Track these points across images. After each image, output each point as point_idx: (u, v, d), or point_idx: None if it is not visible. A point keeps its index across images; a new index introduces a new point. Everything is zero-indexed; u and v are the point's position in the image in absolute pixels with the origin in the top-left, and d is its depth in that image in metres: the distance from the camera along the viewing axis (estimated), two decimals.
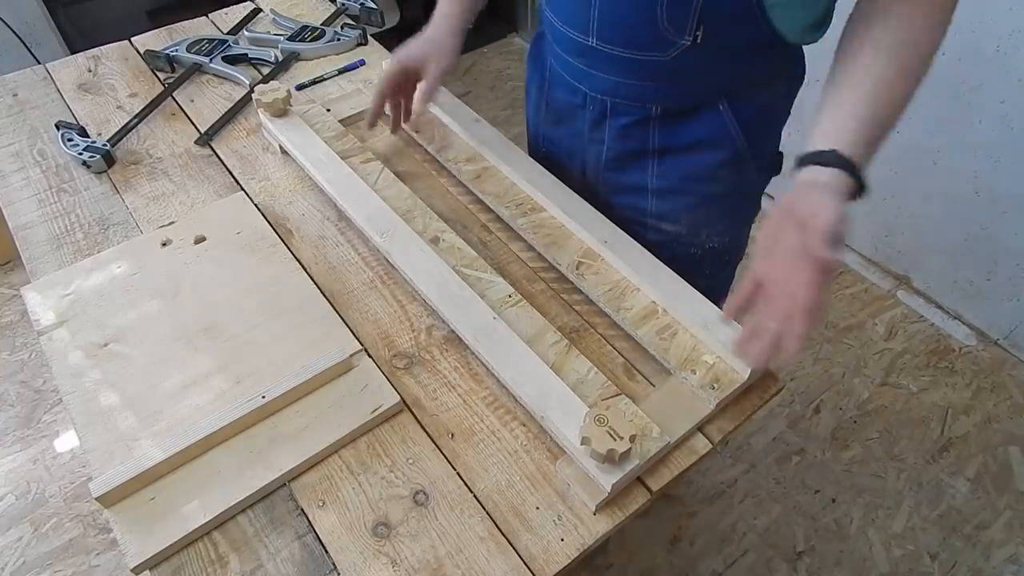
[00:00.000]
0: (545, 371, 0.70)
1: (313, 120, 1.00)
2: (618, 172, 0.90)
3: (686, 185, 0.86)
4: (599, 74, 0.80)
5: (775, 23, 0.69)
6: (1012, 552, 1.43)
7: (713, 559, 1.42)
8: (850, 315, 1.86)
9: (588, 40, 0.77)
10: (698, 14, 0.68)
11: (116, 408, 0.69)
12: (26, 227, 0.90)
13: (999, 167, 1.56)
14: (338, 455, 0.68)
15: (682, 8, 0.68)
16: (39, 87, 1.12)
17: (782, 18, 0.69)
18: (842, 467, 1.56)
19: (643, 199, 0.90)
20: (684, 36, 0.70)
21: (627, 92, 0.80)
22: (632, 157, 0.86)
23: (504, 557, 0.61)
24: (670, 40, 0.71)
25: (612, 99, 0.82)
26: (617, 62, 0.77)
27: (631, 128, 0.83)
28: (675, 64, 0.74)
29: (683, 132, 0.82)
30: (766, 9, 0.68)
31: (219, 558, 0.61)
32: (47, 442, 1.59)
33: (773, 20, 0.69)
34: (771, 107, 0.82)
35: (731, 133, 0.81)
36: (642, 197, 0.89)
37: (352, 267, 0.85)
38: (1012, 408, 1.66)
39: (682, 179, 0.86)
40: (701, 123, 0.80)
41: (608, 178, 0.91)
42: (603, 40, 0.76)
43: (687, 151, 0.83)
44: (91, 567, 1.40)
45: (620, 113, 0.83)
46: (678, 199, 0.88)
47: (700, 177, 0.85)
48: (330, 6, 1.30)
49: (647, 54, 0.74)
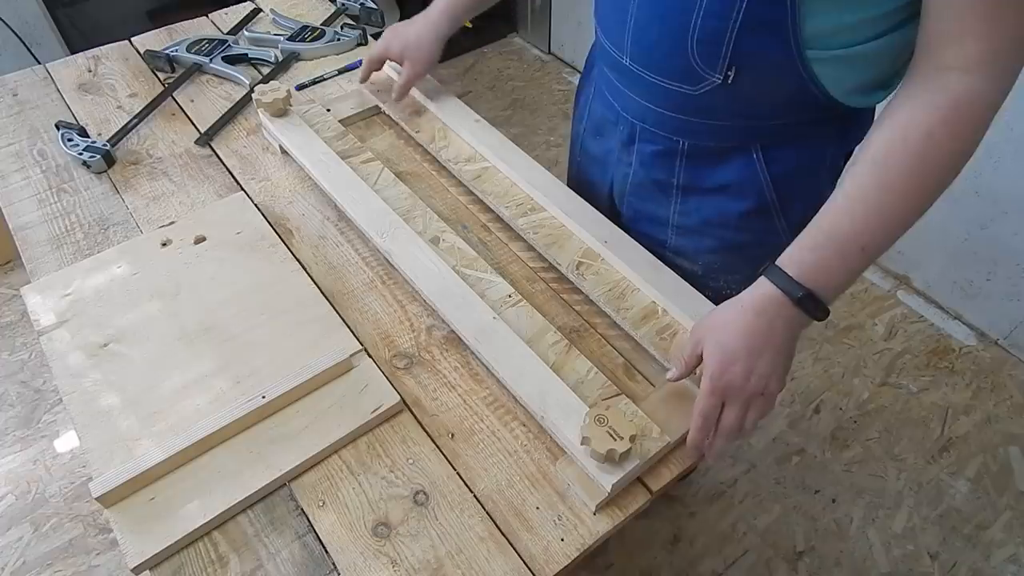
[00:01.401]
0: (545, 371, 0.70)
1: (313, 120, 1.00)
2: (641, 199, 0.86)
3: (707, 228, 0.83)
4: (630, 94, 0.77)
5: (820, 79, 0.64)
6: (1012, 552, 1.43)
7: (713, 559, 1.42)
8: (850, 315, 1.86)
9: (622, 57, 0.74)
10: (730, 53, 0.63)
11: (116, 408, 0.69)
12: (26, 227, 0.90)
13: (999, 167, 1.56)
14: (338, 455, 0.68)
15: (713, 44, 0.64)
16: (39, 87, 1.12)
17: (826, 75, 0.64)
18: (842, 467, 1.56)
19: (663, 231, 0.86)
20: (715, 73, 0.66)
21: (655, 119, 0.76)
22: (656, 187, 0.83)
23: (504, 557, 0.61)
24: (700, 75, 0.67)
25: (641, 124, 0.79)
26: (647, 86, 0.73)
27: (657, 158, 0.80)
28: (705, 101, 0.70)
29: (710, 173, 0.78)
30: (808, 62, 0.62)
31: (219, 558, 0.61)
32: (47, 442, 1.59)
33: (818, 76, 0.64)
34: (812, 164, 0.76)
35: (760, 184, 0.76)
36: (662, 229, 0.86)
37: (352, 267, 0.85)
38: (1012, 408, 1.66)
39: (704, 221, 0.82)
40: (730, 167, 0.76)
41: (631, 203, 0.88)
42: (635, 60, 0.73)
43: (712, 193, 0.79)
44: (91, 567, 1.40)
45: (647, 140, 0.79)
46: (697, 239, 0.85)
47: (723, 223, 0.81)
48: (330, 6, 1.30)
49: (676, 84, 0.70)
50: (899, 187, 0.58)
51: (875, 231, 0.59)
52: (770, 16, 0.60)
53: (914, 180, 0.58)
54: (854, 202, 0.59)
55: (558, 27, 2.65)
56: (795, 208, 0.78)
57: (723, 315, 0.64)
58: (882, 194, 0.58)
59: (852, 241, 0.59)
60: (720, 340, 0.62)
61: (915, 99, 0.58)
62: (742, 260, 0.84)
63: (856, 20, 0.60)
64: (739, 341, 0.61)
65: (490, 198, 0.90)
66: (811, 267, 0.60)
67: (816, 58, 0.62)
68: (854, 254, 0.60)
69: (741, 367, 0.61)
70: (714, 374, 0.62)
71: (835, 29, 0.61)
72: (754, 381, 0.61)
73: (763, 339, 0.61)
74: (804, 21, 0.59)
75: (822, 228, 0.61)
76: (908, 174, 0.58)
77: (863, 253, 0.60)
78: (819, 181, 0.77)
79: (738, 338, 0.61)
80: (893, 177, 0.58)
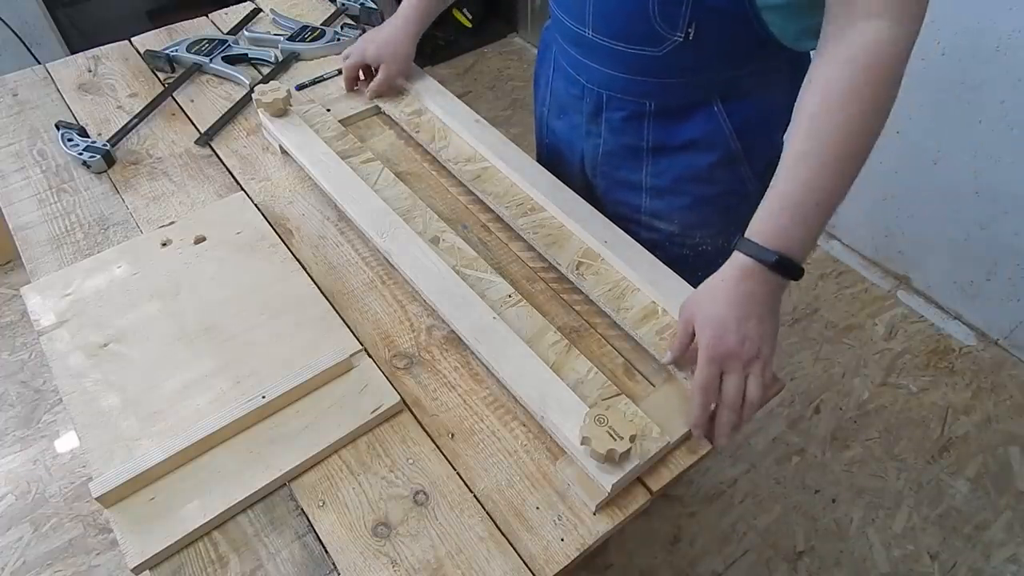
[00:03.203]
0: (545, 371, 0.70)
1: (313, 120, 1.00)
2: (613, 167, 0.90)
3: (680, 185, 0.86)
4: (595, 66, 0.81)
5: (770, 27, 0.69)
6: (1012, 552, 1.43)
7: (713, 559, 1.42)
8: (850, 315, 1.86)
9: (584, 31, 0.77)
10: (690, 11, 0.68)
11: (116, 408, 0.69)
12: (26, 227, 0.90)
13: (999, 167, 1.56)
14: (338, 455, 0.68)
15: (674, 4, 0.68)
16: (39, 87, 1.12)
17: (776, 22, 0.69)
18: (842, 467, 1.56)
19: (637, 196, 0.90)
20: (676, 32, 0.70)
21: (622, 86, 0.80)
22: (627, 153, 0.87)
23: (504, 557, 0.61)
24: (662, 35, 0.71)
25: (607, 92, 0.82)
26: (611, 54, 0.77)
27: (626, 123, 0.83)
28: (668, 60, 0.74)
29: (677, 131, 0.82)
30: (759, 10, 0.67)
31: (219, 558, 0.61)
32: (47, 442, 1.59)
33: (768, 24, 0.69)
34: (768, 111, 0.81)
35: (724, 134, 0.80)
36: (636, 194, 0.90)
37: (352, 267, 0.85)
38: (1012, 408, 1.66)
39: (676, 179, 0.86)
40: (695, 123, 0.80)
41: (604, 172, 0.91)
42: (598, 31, 0.76)
43: (681, 150, 0.83)
44: (91, 567, 1.40)
45: (615, 107, 0.83)
46: (672, 198, 0.88)
47: (694, 177, 0.85)
48: (330, 6, 1.30)
49: (640, 48, 0.74)
50: (835, 141, 0.61)
51: (824, 186, 0.62)
52: None
53: (846, 132, 0.61)
54: (798, 164, 0.63)
55: None
56: (757, 155, 0.83)
57: (707, 291, 0.67)
58: (822, 152, 0.61)
59: (806, 201, 0.62)
60: (709, 313, 0.65)
61: (832, 55, 0.62)
62: (715, 212, 0.89)
63: None
64: (728, 310, 0.64)
65: (490, 198, 0.90)
66: (775, 232, 0.63)
67: (767, 6, 0.67)
68: (811, 212, 0.63)
69: (734, 334, 0.63)
70: (710, 344, 0.64)
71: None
72: (748, 346, 0.63)
73: (749, 306, 0.64)
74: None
75: (778, 193, 0.64)
76: (840, 128, 0.61)
77: (819, 208, 0.62)
78: (778, 122, 0.81)
79: (726, 308, 0.64)
80: (827, 135, 0.61)
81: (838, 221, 1.99)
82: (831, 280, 1.95)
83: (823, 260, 2.00)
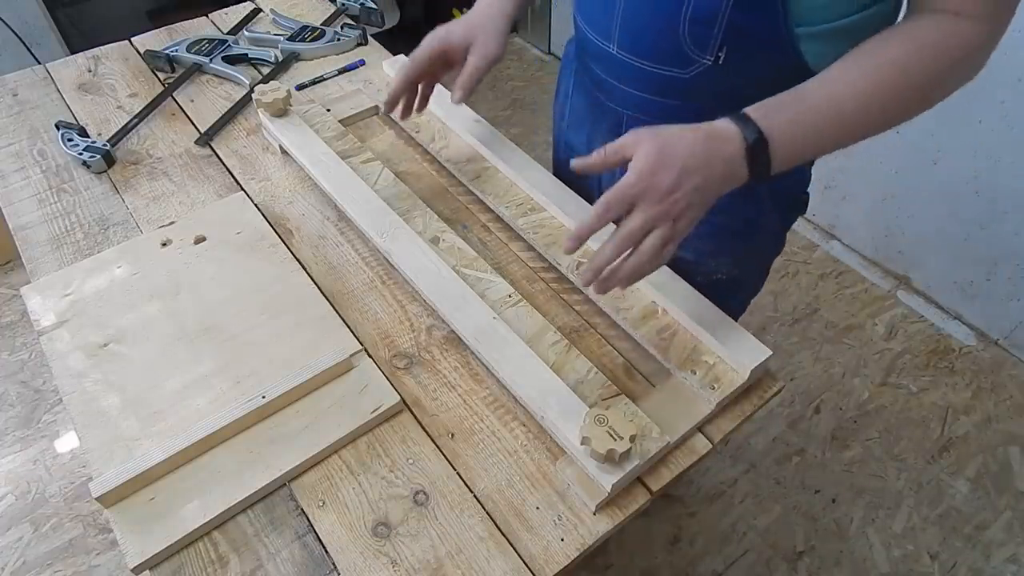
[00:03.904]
0: (545, 371, 0.70)
1: (313, 120, 1.00)
2: None
3: None
4: (618, 84, 0.77)
5: (806, 56, 0.66)
6: (1012, 552, 1.43)
7: (713, 559, 1.42)
8: (850, 315, 1.86)
9: (610, 47, 0.74)
10: (722, 34, 0.65)
11: (116, 408, 0.69)
12: (26, 227, 0.90)
13: (999, 167, 1.56)
14: (338, 455, 0.68)
15: (706, 25, 0.65)
16: (39, 87, 1.12)
17: (812, 50, 0.66)
18: (842, 467, 1.56)
19: None
20: (706, 55, 0.67)
21: (644, 107, 0.77)
22: None
23: (504, 557, 0.61)
24: (691, 57, 0.68)
25: (629, 112, 0.79)
26: (636, 74, 0.74)
27: None
28: (695, 83, 0.70)
29: None
30: (796, 38, 0.64)
31: (219, 558, 0.61)
32: (47, 442, 1.59)
33: (804, 53, 0.66)
34: None
35: None
36: None
37: (352, 267, 0.85)
38: (1012, 408, 1.67)
39: None
40: None
41: None
42: (623, 48, 0.73)
43: None
44: (91, 567, 1.40)
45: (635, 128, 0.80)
46: None
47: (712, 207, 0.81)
48: (330, 6, 1.30)
49: (666, 69, 0.71)
50: (876, 79, 0.60)
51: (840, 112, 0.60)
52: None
53: (892, 78, 0.59)
54: (833, 77, 0.61)
55: (558, 27, 2.65)
56: (781, 189, 0.79)
57: (672, 128, 0.61)
58: (860, 78, 0.60)
59: (817, 111, 0.60)
60: (661, 145, 0.59)
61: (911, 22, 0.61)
62: (731, 242, 0.86)
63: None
64: (680, 151, 0.58)
65: (490, 198, 0.90)
66: (773, 118, 0.60)
67: (805, 34, 0.64)
68: (814, 125, 0.61)
69: (671, 176, 0.58)
70: (643, 170, 0.58)
71: (824, 4, 0.63)
72: (676, 197, 0.58)
73: (702, 162, 0.59)
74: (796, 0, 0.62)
75: (798, 92, 0.62)
76: (889, 69, 0.59)
77: (818, 133, 0.61)
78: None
79: (680, 149, 0.58)
80: (874, 68, 0.60)
81: (838, 221, 1.99)
82: (831, 280, 1.95)
83: (823, 260, 2.00)
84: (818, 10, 0.63)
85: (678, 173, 0.58)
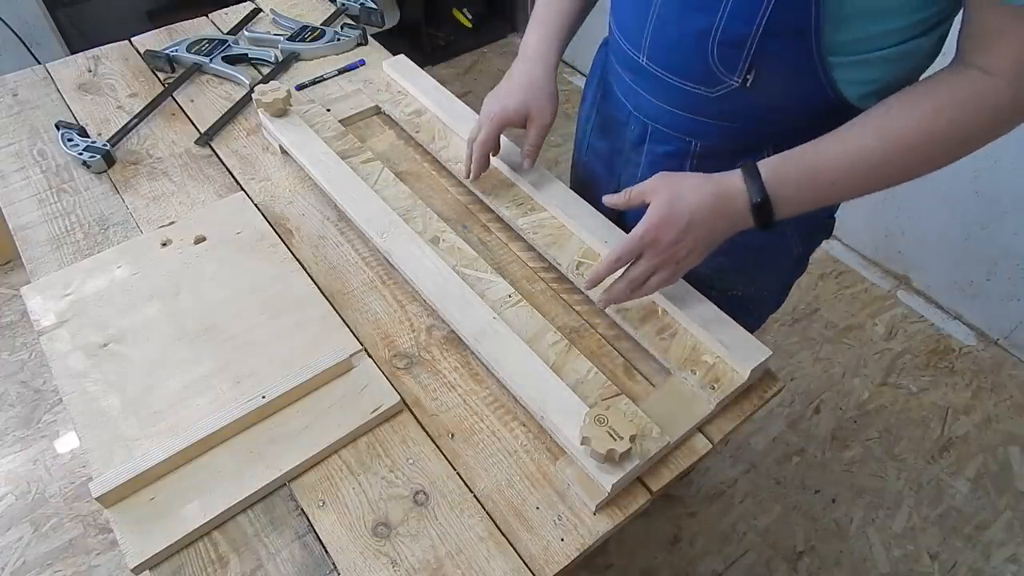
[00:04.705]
0: (545, 371, 0.70)
1: (313, 120, 1.00)
2: None
3: None
4: (645, 94, 0.77)
5: (838, 83, 0.65)
6: (1012, 552, 1.43)
7: (713, 559, 1.42)
8: (850, 315, 1.86)
9: (639, 57, 0.74)
10: (751, 56, 0.64)
11: (116, 408, 0.69)
12: (26, 227, 0.90)
13: (999, 167, 1.56)
14: (338, 455, 0.68)
15: (735, 48, 0.64)
16: (39, 87, 1.12)
17: (843, 78, 0.64)
18: (842, 467, 1.56)
19: None
20: (733, 76, 0.67)
21: (668, 120, 0.77)
22: None
23: (504, 557, 0.61)
24: (718, 77, 0.68)
25: (653, 124, 0.79)
26: (663, 86, 0.73)
27: (668, 159, 0.79)
28: (721, 103, 0.70)
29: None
30: (829, 67, 0.63)
31: (219, 558, 0.61)
32: (47, 442, 1.59)
33: (837, 80, 0.64)
34: None
35: None
36: None
37: (352, 267, 0.85)
38: (1012, 408, 1.67)
39: None
40: None
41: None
42: (652, 60, 0.73)
43: None
44: (91, 567, 1.40)
45: (659, 140, 0.79)
46: None
47: None
48: (330, 6, 1.30)
49: (693, 86, 0.71)
50: (893, 140, 0.60)
51: (854, 169, 0.62)
52: (795, 23, 0.60)
53: (909, 139, 0.60)
54: (849, 136, 0.62)
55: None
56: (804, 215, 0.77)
57: (688, 180, 0.66)
58: (882, 140, 0.60)
59: (835, 170, 0.62)
60: (673, 198, 0.65)
61: (939, 79, 0.60)
62: (749, 259, 0.85)
63: (883, 30, 0.61)
64: (688, 205, 0.65)
65: (490, 198, 0.90)
66: (784, 177, 0.63)
67: (837, 63, 0.63)
68: (824, 183, 0.63)
69: (677, 231, 0.65)
70: (651, 223, 0.65)
71: (861, 38, 0.62)
72: (678, 248, 0.66)
73: (708, 217, 0.65)
74: (832, 32, 0.60)
75: (817, 147, 0.63)
76: (907, 132, 0.60)
77: (832, 187, 0.63)
78: None
79: (689, 202, 0.65)
80: (892, 129, 0.60)
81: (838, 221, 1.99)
82: (831, 280, 1.95)
83: (823, 260, 2.00)
84: (855, 43, 0.62)
85: (684, 226, 0.65)
